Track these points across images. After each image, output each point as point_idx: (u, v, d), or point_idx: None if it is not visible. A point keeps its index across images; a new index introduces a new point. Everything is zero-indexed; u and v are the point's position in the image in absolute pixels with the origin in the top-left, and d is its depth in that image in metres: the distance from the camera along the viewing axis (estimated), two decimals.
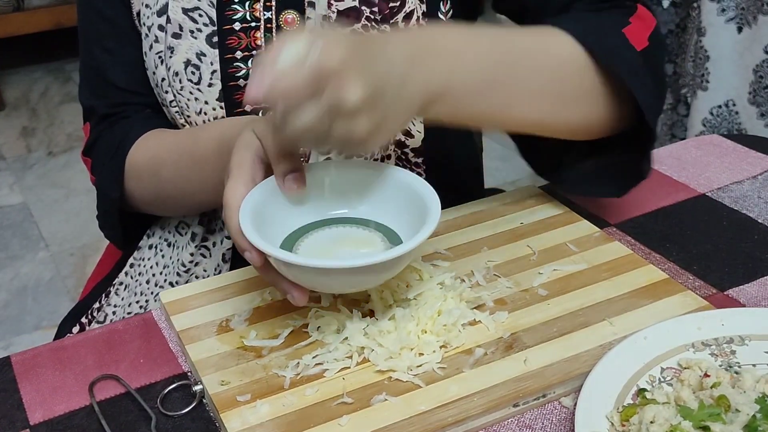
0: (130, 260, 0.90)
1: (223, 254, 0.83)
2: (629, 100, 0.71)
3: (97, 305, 0.90)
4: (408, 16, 0.77)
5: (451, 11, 0.80)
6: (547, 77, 0.69)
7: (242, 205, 0.60)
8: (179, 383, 0.63)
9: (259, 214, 0.61)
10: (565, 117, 0.71)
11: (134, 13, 0.81)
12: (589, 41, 0.69)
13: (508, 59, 0.67)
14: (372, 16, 0.76)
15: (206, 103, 0.78)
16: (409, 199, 0.64)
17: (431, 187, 0.64)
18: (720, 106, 1.77)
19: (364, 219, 0.66)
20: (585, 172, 0.76)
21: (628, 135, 0.74)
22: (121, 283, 0.90)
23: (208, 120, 0.79)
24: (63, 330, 0.91)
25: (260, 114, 0.79)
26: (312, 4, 0.77)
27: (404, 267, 0.63)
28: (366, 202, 0.67)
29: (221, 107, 0.78)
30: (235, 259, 0.82)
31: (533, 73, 0.68)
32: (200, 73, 0.77)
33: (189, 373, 0.64)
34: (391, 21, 0.77)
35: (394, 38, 0.62)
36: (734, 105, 1.75)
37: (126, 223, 0.86)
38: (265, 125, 0.62)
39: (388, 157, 0.82)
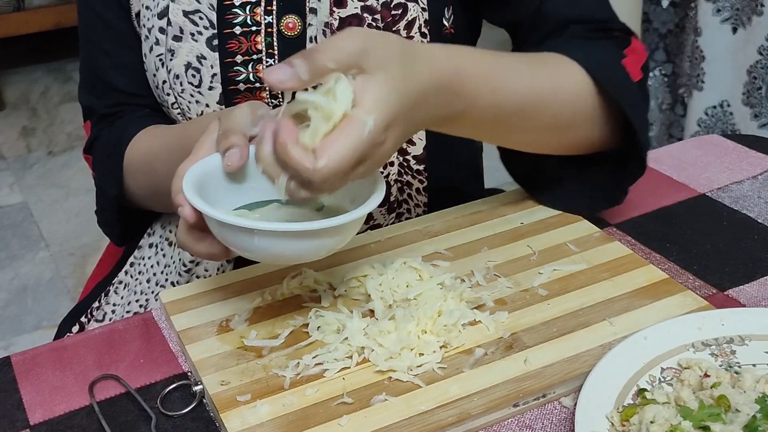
0: (131, 259, 0.90)
1: None
2: (622, 126, 0.73)
3: (96, 304, 0.90)
4: (410, 24, 0.77)
5: (452, 17, 0.80)
6: (551, 114, 0.70)
7: (187, 172, 0.60)
8: (179, 383, 0.63)
9: (204, 185, 0.60)
10: (556, 142, 0.74)
11: (133, 14, 0.81)
12: (598, 74, 0.71)
13: (523, 105, 0.68)
14: (374, 24, 0.76)
15: (207, 106, 0.79)
16: (359, 183, 0.62)
17: (380, 175, 0.63)
18: (715, 107, 1.77)
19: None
20: (562, 185, 0.78)
21: (612, 156, 0.76)
22: (120, 282, 0.90)
23: None
24: (63, 330, 0.91)
25: None
26: (314, 10, 0.77)
27: (339, 245, 0.61)
28: None
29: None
30: (238, 258, 0.82)
31: (540, 114, 0.70)
32: (201, 76, 0.77)
33: (189, 373, 0.64)
34: (393, 29, 0.77)
35: (431, 63, 0.60)
36: (728, 105, 1.75)
37: (125, 220, 0.86)
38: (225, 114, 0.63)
39: (391, 164, 0.82)
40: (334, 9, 0.76)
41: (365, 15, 0.76)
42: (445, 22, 0.80)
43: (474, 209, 0.81)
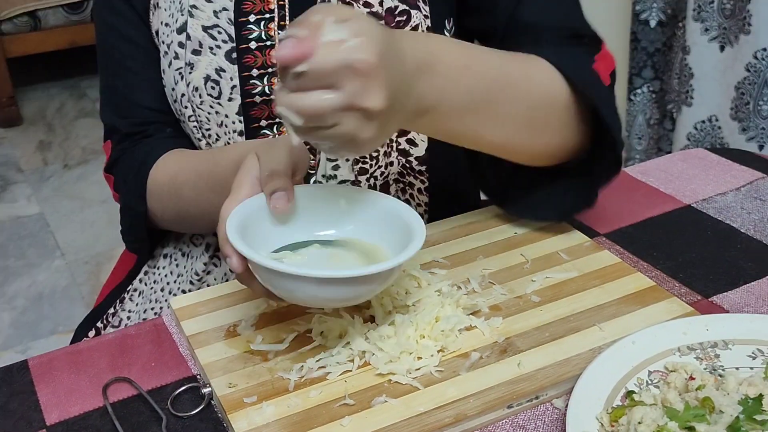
0: (144, 268, 0.91)
1: None
2: (590, 132, 0.74)
3: (112, 310, 0.91)
4: (413, 31, 0.78)
5: (454, 28, 0.82)
6: (525, 106, 0.70)
7: (231, 215, 0.61)
8: (189, 385, 0.64)
9: (247, 226, 0.62)
10: (530, 143, 0.72)
11: (153, 31, 0.82)
12: (573, 74, 0.71)
13: (496, 86, 0.68)
14: None
15: (226, 116, 0.79)
16: (394, 223, 0.64)
17: (416, 214, 0.64)
18: (703, 121, 1.78)
19: (351, 239, 0.66)
20: (532, 195, 0.78)
21: (583, 161, 0.76)
22: (135, 290, 0.91)
23: (228, 132, 0.80)
24: (80, 335, 0.92)
25: (275, 130, 0.80)
26: None
27: (379, 290, 0.62)
28: (353, 223, 0.67)
29: (240, 121, 0.79)
30: None
31: (514, 102, 0.69)
32: (220, 88, 0.78)
33: (198, 376, 0.66)
34: None
35: (408, 44, 0.60)
36: (717, 120, 1.76)
37: (152, 234, 0.86)
38: (267, 145, 0.63)
39: (392, 164, 0.83)
40: None
41: None
42: (447, 33, 0.81)
43: (470, 220, 0.82)
